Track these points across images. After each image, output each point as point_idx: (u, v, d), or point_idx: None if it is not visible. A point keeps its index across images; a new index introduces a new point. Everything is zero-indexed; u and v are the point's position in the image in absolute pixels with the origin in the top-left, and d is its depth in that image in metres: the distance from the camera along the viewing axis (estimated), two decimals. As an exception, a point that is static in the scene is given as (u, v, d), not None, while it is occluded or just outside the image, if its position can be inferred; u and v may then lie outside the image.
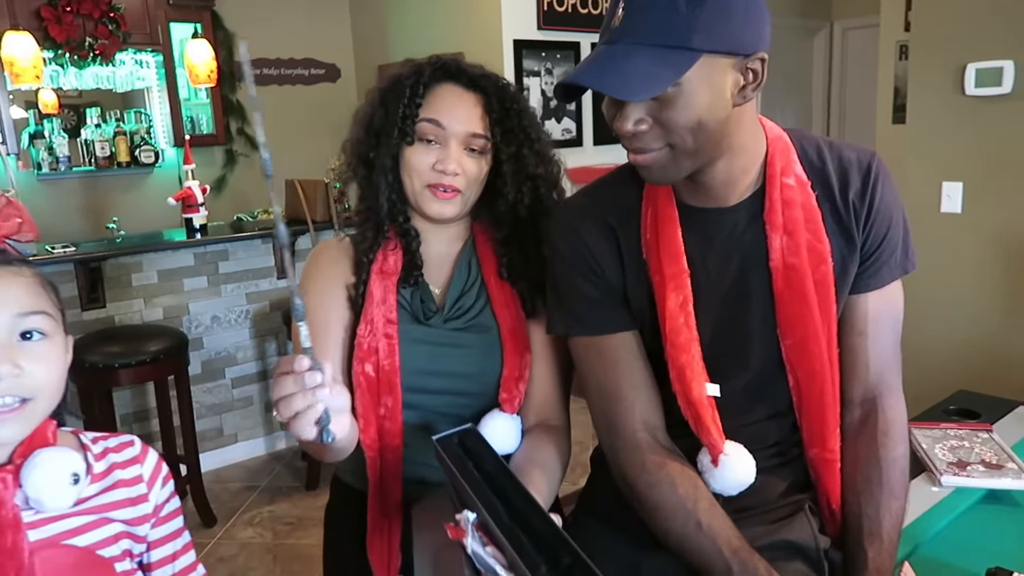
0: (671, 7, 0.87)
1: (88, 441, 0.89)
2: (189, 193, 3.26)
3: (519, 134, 1.18)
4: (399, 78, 1.17)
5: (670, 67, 0.87)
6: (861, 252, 1.06)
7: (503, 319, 1.19)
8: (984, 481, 1.31)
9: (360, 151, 1.20)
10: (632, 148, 0.96)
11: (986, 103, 2.71)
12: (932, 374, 2.91)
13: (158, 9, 4.39)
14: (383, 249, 1.19)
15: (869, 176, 1.04)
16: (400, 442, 1.15)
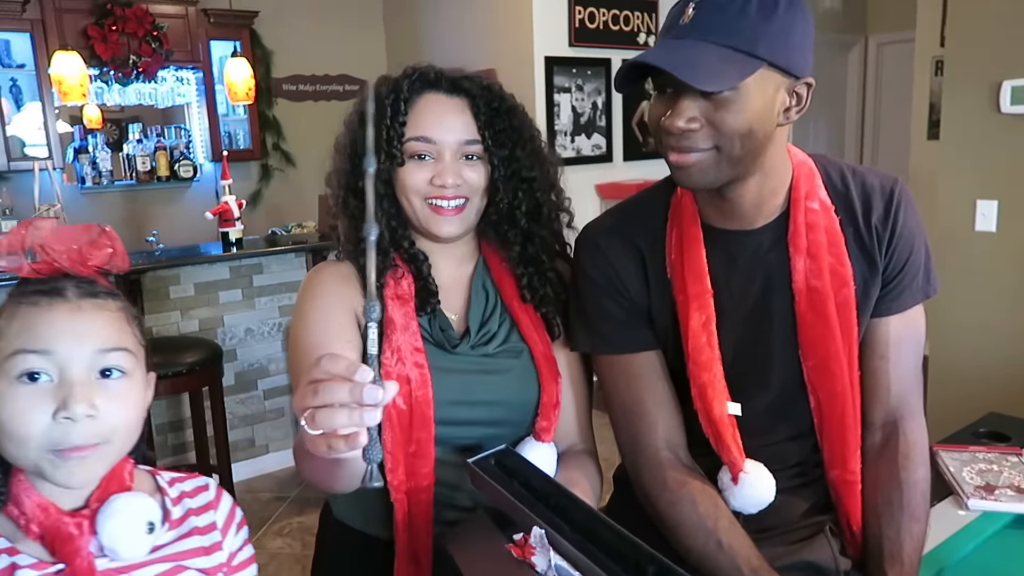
0: (742, 13, 0.89)
1: (165, 483, 0.85)
2: (226, 207, 3.33)
3: (511, 134, 1.11)
4: (377, 96, 1.09)
5: (736, 67, 0.89)
6: (883, 276, 1.07)
7: (533, 343, 1.13)
8: (1013, 506, 1.29)
9: (347, 182, 1.12)
10: (678, 147, 0.94)
11: (1022, 121, 2.67)
12: (962, 395, 2.86)
13: (199, 27, 4.51)
14: (392, 275, 1.10)
15: (892, 201, 1.05)
16: (432, 482, 1.06)
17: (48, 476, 0.73)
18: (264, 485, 3.46)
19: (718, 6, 0.90)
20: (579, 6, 4.03)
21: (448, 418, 1.07)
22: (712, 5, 0.90)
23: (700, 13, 0.90)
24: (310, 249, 3.52)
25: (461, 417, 1.09)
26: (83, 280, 0.77)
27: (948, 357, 2.97)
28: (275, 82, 4.92)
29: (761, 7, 0.89)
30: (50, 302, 0.74)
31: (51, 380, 0.73)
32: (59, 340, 0.73)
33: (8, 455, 0.74)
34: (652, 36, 4.35)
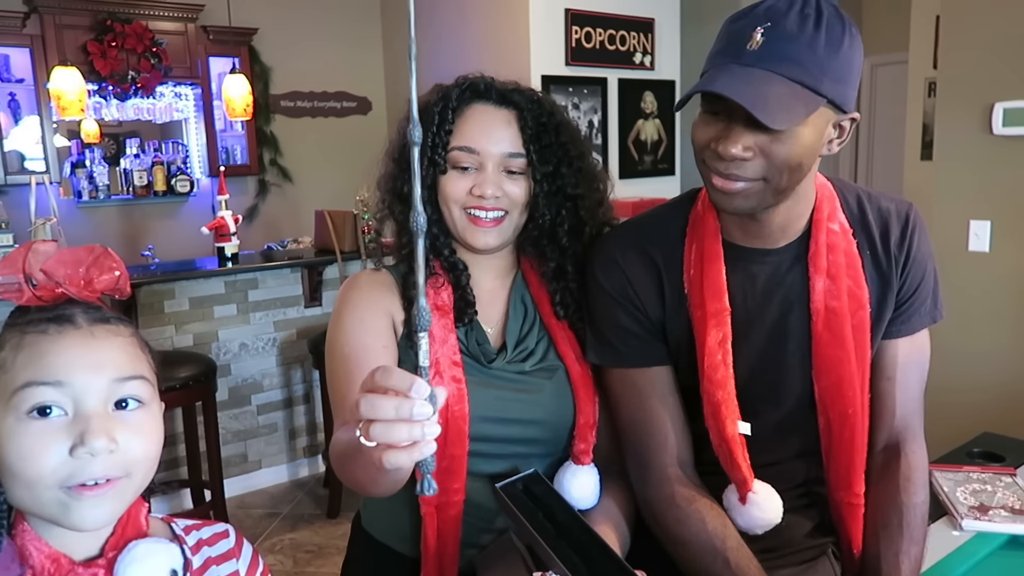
0: (811, 47, 0.88)
1: (180, 531, 0.78)
2: (222, 223, 3.34)
3: (556, 151, 1.10)
4: (427, 105, 1.09)
5: (802, 104, 0.88)
6: (896, 299, 1.08)
7: (570, 361, 1.12)
8: (1007, 526, 1.29)
9: (394, 187, 1.13)
10: (727, 173, 0.93)
11: (1014, 142, 2.70)
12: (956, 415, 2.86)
13: (198, 44, 4.54)
14: (431, 284, 1.10)
15: (908, 226, 1.07)
16: (462, 498, 1.05)
17: (61, 520, 0.67)
18: (257, 501, 3.44)
19: (788, 35, 0.88)
20: (576, 26, 4.06)
21: (482, 434, 1.05)
22: (782, 34, 0.88)
23: (769, 41, 0.88)
24: (306, 264, 3.52)
25: (495, 434, 1.07)
26: (90, 305, 0.72)
27: (942, 376, 2.97)
28: (273, 98, 4.94)
29: (829, 41, 0.88)
30: (59, 329, 0.68)
31: (64, 414, 0.66)
32: (73, 370, 0.67)
33: (16, 499, 0.67)
34: (648, 56, 4.38)
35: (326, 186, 4.44)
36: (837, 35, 0.89)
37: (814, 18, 0.88)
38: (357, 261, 3.46)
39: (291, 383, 3.63)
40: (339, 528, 3.12)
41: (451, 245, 1.13)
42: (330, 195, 4.27)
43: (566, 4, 4.03)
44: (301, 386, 3.66)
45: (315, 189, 4.88)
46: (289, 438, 3.65)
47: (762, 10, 0.90)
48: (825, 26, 0.88)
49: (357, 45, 5.20)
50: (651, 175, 4.49)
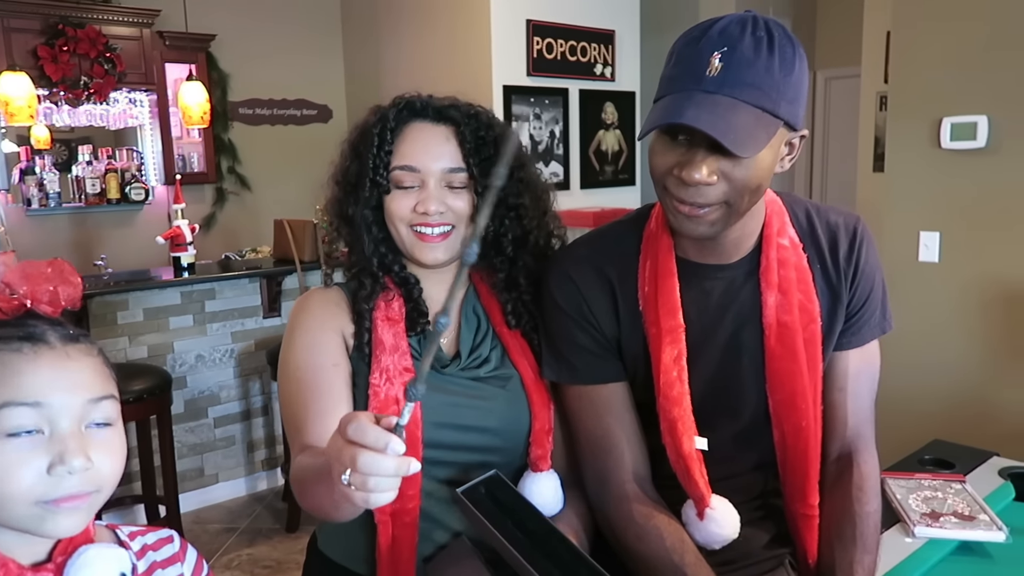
0: (768, 71, 0.89)
1: (125, 537, 0.80)
2: (178, 232, 3.28)
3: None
4: (366, 127, 1.12)
5: (764, 130, 0.89)
6: (846, 311, 1.10)
7: (523, 369, 1.13)
8: (956, 532, 1.32)
9: (339, 210, 1.15)
10: (690, 200, 0.93)
11: (961, 156, 2.78)
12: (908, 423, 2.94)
13: (154, 50, 4.46)
14: (382, 298, 1.12)
15: (855, 239, 1.09)
16: (417, 505, 1.05)
17: (34, 529, 0.69)
18: (213, 516, 3.38)
19: (746, 60, 0.88)
20: (537, 36, 4.09)
21: (436, 441, 1.06)
22: (740, 59, 0.88)
23: (728, 66, 0.88)
24: (264, 274, 3.48)
25: (450, 441, 1.08)
26: (55, 321, 0.72)
27: (894, 385, 3.04)
28: (232, 105, 4.88)
29: (783, 64, 0.90)
30: (35, 349, 0.69)
31: (41, 433, 0.68)
32: (50, 391, 0.69)
33: None
34: (609, 67, 4.42)
35: (285, 195, 4.39)
36: (789, 57, 0.90)
37: (767, 41, 0.89)
38: (317, 271, 3.42)
39: (249, 395, 3.57)
40: (298, 543, 3.07)
41: (401, 261, 1.15)
42: (289, 204, 4.22)
43: (527, 15, 4.05)
44: (260, 398, 3.60)
45: (274, 198, 4.83)
46: (247, 451, 3.59)
47: (716, 33, 0.90)
48: (778, 49, 0.89)
49: (317, 53, 5.16)
50: (612, 185, 4.53)
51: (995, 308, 2.79)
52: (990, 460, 1.65)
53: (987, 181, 2.74)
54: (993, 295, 2.78)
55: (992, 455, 1.67)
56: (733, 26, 0.90)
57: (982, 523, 1.33)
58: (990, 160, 2.72)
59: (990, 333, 2.81)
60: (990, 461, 1.65)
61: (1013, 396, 2.76)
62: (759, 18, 0.91)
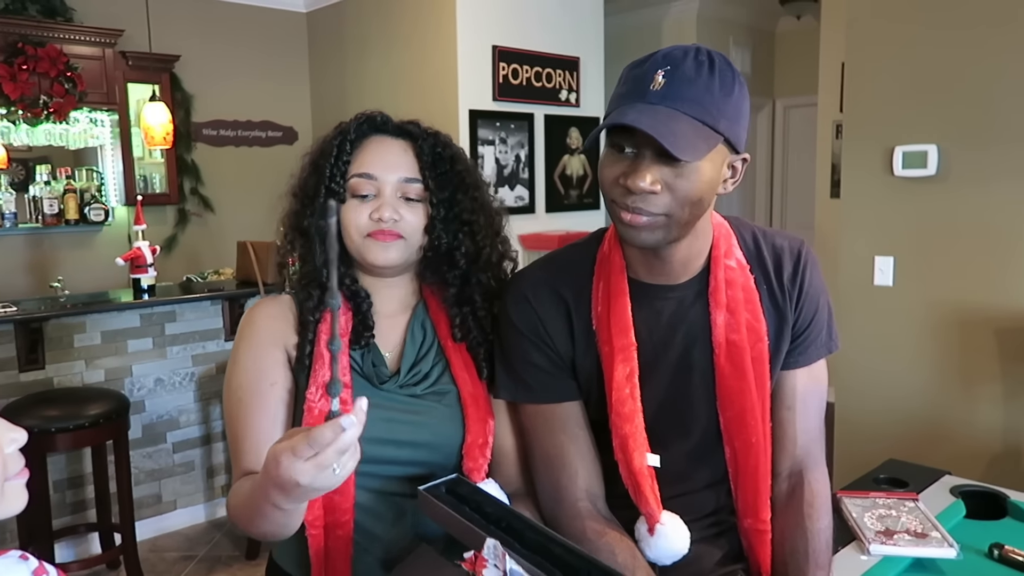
0: (707, 88, 0.94)
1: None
2: (138, 254, 3.23)
3: (452, 178, 1.15)
4: (325, 140, 1.15)
5: (703, 140, 0.94)
6: (792, 331, 1.13)
7: (463, 383, 1.15)
8: (910, 550, 1.35)
9: (295, 222, 1.17)
10: (633, 207, 0.97)
11: (913, 183, 2.87)
12: (865, 442, 3.00)
13: (116, 70, 4.41)
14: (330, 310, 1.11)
15: (799, 262, 1.13)
16: (351, 518, 1.07)
17: None
18: (171, 544, 3.30)
19: (687, 78, 0.94)
20: (503, 62, 4.14)
21: (370, 456, 1.04)
22: (682, 76, 0.94)
23: (670, 82, 0.94)
24: (227, 297, 3.43)
25: (384, 456, 1.09)
26: None
27: (851, 406, 3.11)
28: (195, 126, 4.84)
29: (722, 85, 0.95)
30: None
31: None
32: None
33: None
34: (573, 93, 4.49)
35: (249, 216, 4.35)
36: (728, 80, 0.96)
37: (707, 64, 0.95)
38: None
39: (210, 419, 3.51)
40: (258, 570, 3.01)
41: (353, 275, 1.17)
42: (253, 225, 4.18)
43: (493, 41, 4.11)
44: (220, 422, 3.54)
45: (238, 219, 4.78)
46: (207, 476, 3.53)
47: (660, 56, 0.97)
48: (718, 72, 0.95)
49: (283, 75, 5.16)
50: (576, 209, 4.58)
51: (947, 331, 2.87)
52: (942, 479, 1.69)
53: (938, 208, 2.83)
54: (945, 318, 2.86)
55: (944, 474, 1.72)
56: (677, 51, 0.97)
57: (934, 540, 1.37)
58: (940, 187, 2.82)
59: (943, 356, 2.88)
60: (942, 480, 1.69)
61: (964, 417, 2.83)
62: (703, 48, 0.97)
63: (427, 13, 4.17)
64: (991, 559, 1.36)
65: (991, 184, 2.71)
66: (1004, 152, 2.67)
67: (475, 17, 4.05)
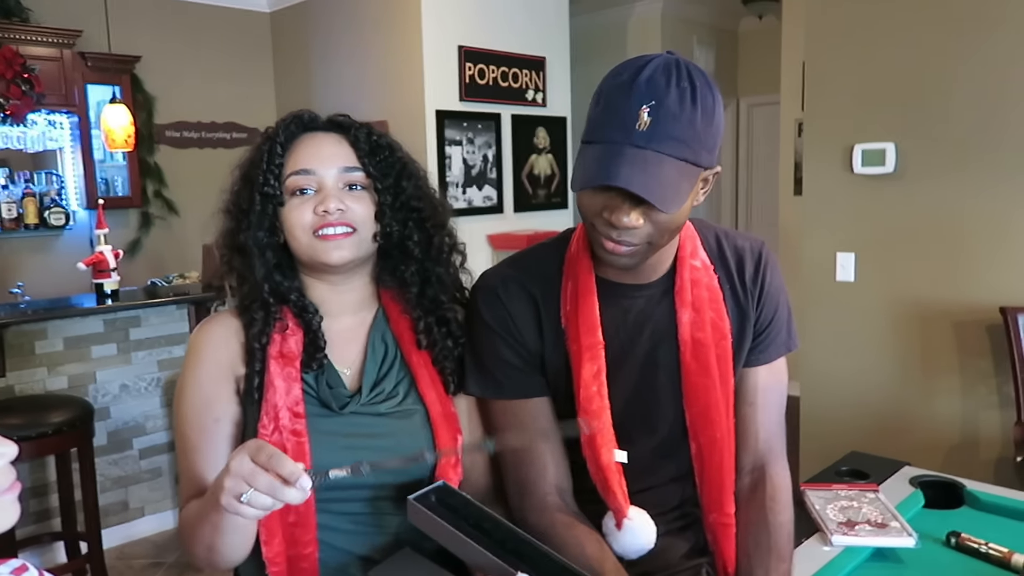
0: (691, 124, 0.94)
1: None
2: (101, 258, 3.18)
3: (394, 164, 1.11)
4: (254, 149, 1.10)
5: (687, 181, 0.96)
6: (754, 329, 1.16)
7: (431, 402, 1.10)
8: (870, 540, 1.38)
9: (231, 241, 1.10)
10: (618, 240, 0.99)
11: (872, 181, 2.93)
12: (828, 435, 3.06)
13: (75, 71, 4.33)
14: (278, 330, 1.07)
15: (760, 262, 1.16)
16: (315, 549, 1.03)
17: None
18: (139, 551, 3.25)
19: (672, 115, 0.93)
20: (469, 63, 4.15)
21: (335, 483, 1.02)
22: (667, 113, 0.93)
23: (656, 121, 0.93)
24: (192, 301, 3.40)
25: (348, 482, 1.03)
26: None
27: (815, 400, 3.17)
28: (158, 128, 4.77)
29: (704, 114, 0.95)
30: None
31: None
32: None
33: None
34: (540, 93, 4.51)
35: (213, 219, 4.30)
36: (710, 108, 0.96)
37: (690, 92, 0.94)
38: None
39: (177, 425, 3.46)
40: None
41: (299, 288, 1.11)
42: (219, 228, 4.13)
43: (459, 41, 4.11)
44: (187, 427, 3.50)
45: (202, 222, 4.71)
46: (175, 482, 3.48)
47: (643, 84, 0.94)
48: (700, 100, 0.94)
49: (247, 76, 5.11)
50: (544, 208, 4.60)
51: (907, 325, 2.94)
52: (902, 470, 1.74)
53: (896, 204, 2.90)
54: (905, 313, 2.93)
55: (904, 465, 1.76)
56: (659, 76, 0.94)
57: (894, 530, 1.40)
58: (898, 184, 2.88)
59: (903, 350, 2.95)
60: (902, 471, 1.73)
61: (923, 409, 2.91)
62: (682, 64, 0.96)
63: (392, 13, 4.16)
64: (949, 547, 1.40)
65: (946, 181, 2.78)
66: (958, 150, 2.75)
67: (440, 17, 4.05)
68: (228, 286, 1.14)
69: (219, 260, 1.13)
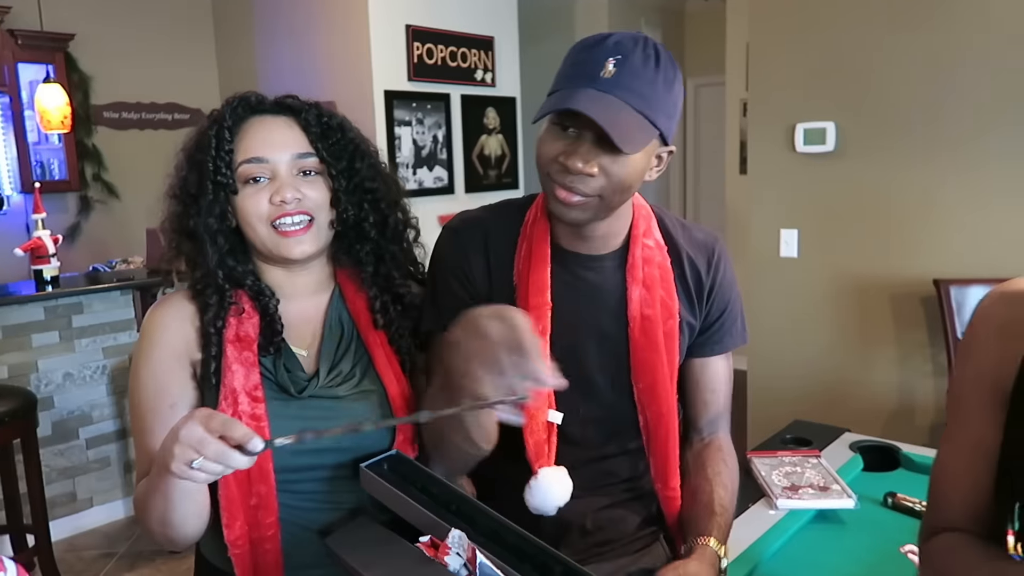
0: (652, 83, 0.99)
1: None
2: (39, 243, 3.09)
3: (347, 146, 1.10)
4: (200, 132, 1.07)
5: (643, 134, 0.99)
6: (703, 321, 1.19)
7: (388, 382, 1.10)
8: (813, 502, 1.45)
9: (179, 225, 1.08)
10: (568, 186, 1.01)
11: (813, 159, 3.02)
12: (772, 405, 3.16)
13: (5, 49, 4.16)
14: (234, 314, 1.06)
15: (713, 256, 1.19)
16: (277, 531, 1.03)
17: None
18: (89, 542, 3.20)
19: (636, 71, 0.98)
20: (417, 42, 4.11)
21: (291, 466, 1.03)
22: (631, 68, 0.98)
23: (620, 73, 0.97)
24: (137, 286, 3.32)
25: (306, 464, 1.04)
26: None
27: (761, 372, 3.27)
28: (95, 109, 4.62)
29: (665, 81, 1.00)
30: None
31: None
32: None
33: None
34: (489, 73, 4.50)
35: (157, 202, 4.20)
36: (670, 77, 1.01)
37: (654, 58, 1.00)
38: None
39: (124, 413, 3.40)
40: (183, 563, 2.96)
41: (254, 271, 1.10)
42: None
43: (406, 20, 4.07)
44: (136, 415, 3.43)
45: (145, 206, 4.58)
46: (124, 471, 3.42)
47: (611, 43, 1.00)
48: (663, 67, 1.00)
49: (188, 55, 4.97)
50: (496, 188, 4.60)
51: (848, 299, 3.04)
52: (843, 436, 1.82)
53: (836, 182, 2.99)
54: (846, 287, 3.04)
55: (844, 431, 1.84)
56: (627, 40, 1.00)
57: (835, 492, 1.47)
58: (838, 163, 2.97)
59: (844, 322, 3.06)
60: (842, 437, 1.81)
61: (862, 378, 3.03)
62: (650, 40, 1.02)
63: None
64: (886, 507, 1.47)
65: (882, 158, 2.88)
66: (894, 128, 2.85)
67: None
68: (175, 271, 1.12)
69: (166, 244, 1.11)
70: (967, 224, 2.76)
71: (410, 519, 0.94)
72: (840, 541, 1.38)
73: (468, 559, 0.84)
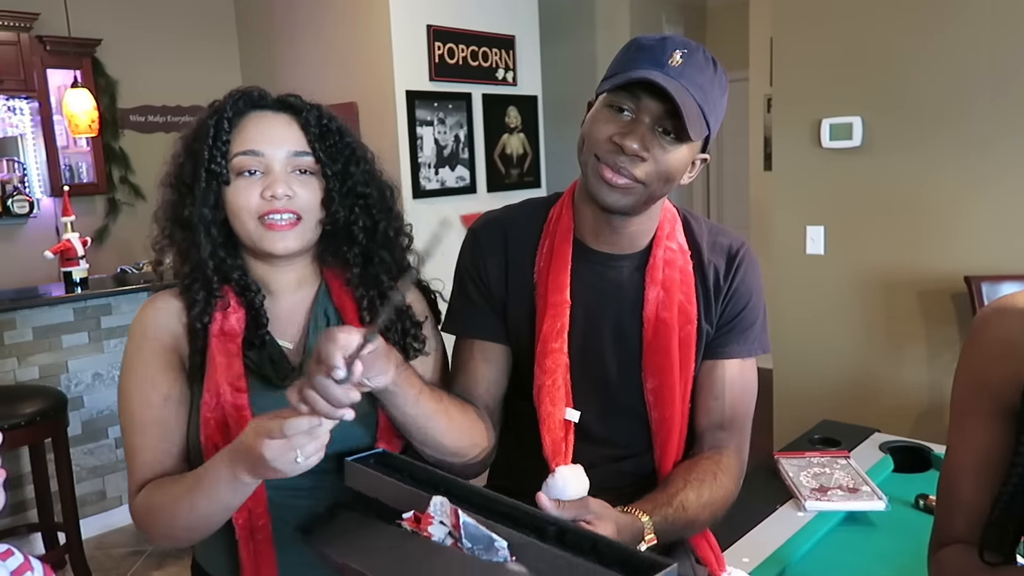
0: (711, 83, 1.02)
1: None
2: (68, 246, 3.13)
3: (343, 149, 1.10)
4: (199, 121, 1.07)
5: (699, 126, 1.01)
6: (717, 324, 1.17)
7: None
8: (842, 504, 1.43)
9: (173, 213, 1.08)
10: (618, 166, 1.02)
11: (840, 154, 2.98)
12: (801, 404, 3.12)
13: (34, 55, 4.23)
14: (220, 308, 1.06)
15: (735, 260, 1.17)
16: (267, 522, 1.03)
17: None
18: (118, 540, 3.24)
19: (700, 67, 1.01)
20: (438, 42, 4.11)
21: None
22: (696, 63, 1.01)
23: (687, 64, 1.00)
24: (164, 287, 3.35)
25: None
26: None
27: (788, 371, 3.23)
28: (122, 113, 4.68)
29: (720, 86, 1.03)
30: None
31: None
32: None
33: None
34: (510, 72, 4.49)
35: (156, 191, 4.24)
36: (724, 85, 1.04)
37: (712, 63, 1.03)
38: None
39: (152, 413, 3.44)
40: (210, 561, 2.99)
41: (242, 266, 1.10)
42: (188, 214, 4.08)
43: (427, 20, 4.07)
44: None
45: (171, 207, 4.66)
46: (151, 471, 3.46)
47: (677, 39, 1.03)
48: (719, 74, 1.04)
49: (213, 58, 5.01)
50: (517, 188, 4.60)
51: (876, 296, 3.00)
52: (872, 436, 1.79)
53: (863, 177, 2.95)
54: (874, 284, 2.99)
55: (873, 431, 1.81)
56: (690, 41, 1.04)
57: (865, 494, 1.45)
58: (865, 158, 2.93)
59: (872, 319, 3.01)
60: (872, 437, 1.78)
61: (891, 377, 2.98)
62: (706, 49, 1.04)
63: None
64: (917, 509, 1.45)
65: (911, 153, 2.83)
66: (922, 123, 2.79)
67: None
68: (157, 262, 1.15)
69: (159, 232, 1.12)
70: (999, 220, 2.70)
71: (396, 502, 0.92)
72: (870, 544, 1.36)
73: (452, 524, 0.82)
